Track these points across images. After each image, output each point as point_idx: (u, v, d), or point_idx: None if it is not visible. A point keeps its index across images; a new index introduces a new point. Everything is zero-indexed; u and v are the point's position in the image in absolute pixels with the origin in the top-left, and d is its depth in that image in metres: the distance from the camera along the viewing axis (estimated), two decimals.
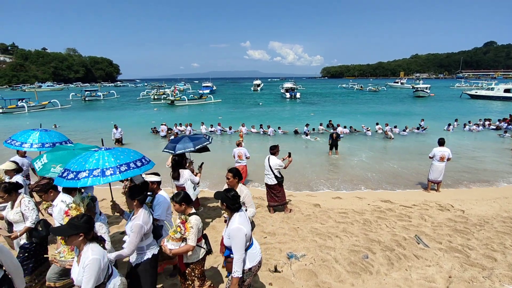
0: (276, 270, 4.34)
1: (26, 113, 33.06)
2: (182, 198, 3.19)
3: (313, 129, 18.82)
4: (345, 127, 18.57)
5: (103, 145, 3.00)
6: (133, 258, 3.20)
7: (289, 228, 5.88)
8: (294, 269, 4.41)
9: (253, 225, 3.87)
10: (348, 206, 7.19)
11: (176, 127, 19.05)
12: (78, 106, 41.31)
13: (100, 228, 3.32)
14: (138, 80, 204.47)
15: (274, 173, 6.53)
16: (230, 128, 19.11)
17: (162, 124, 18.72)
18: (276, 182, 6.56)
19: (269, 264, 4.51)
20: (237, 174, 3.88)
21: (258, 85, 77.92)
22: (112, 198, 3.72)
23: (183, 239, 3.07)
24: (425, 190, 8.64)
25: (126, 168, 2.96)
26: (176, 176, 5.45)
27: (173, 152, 5.44)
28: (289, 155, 6.80)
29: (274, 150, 6.67)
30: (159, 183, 3.93)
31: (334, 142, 13.04)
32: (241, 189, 3.87)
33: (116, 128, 15.92)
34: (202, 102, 42.67)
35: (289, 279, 4.16)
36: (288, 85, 56.15)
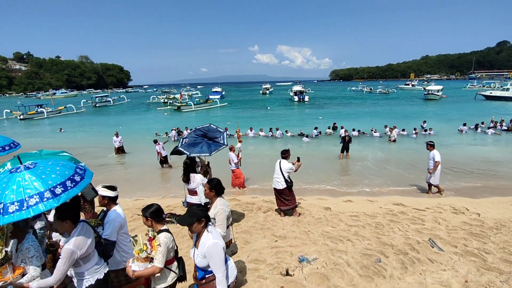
0: (287, 274, 4.33)
1: (45, 119, 34.24)
2: (150, 213, 2.79)
3: (320, 133, 18.89)
4: (353, 130, 18.46)
5: (21, 164, 2.55)
6: (75, 283, 2.79)
7: (300, 232, 5.85)
8: (306, 272, 4.39)
9: (235, 249, 3.77)
10: (360, 209, 7.11)
11: (186, 130, 19.35)
12: (89, 112, 42.30)
13: (26, 252, 2.73)
14: (146, 86, 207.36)
15: (284, 177, 6.54)
16: (237, 131, 19.20)
17: (172, 129, 19.03)
18: (285, 186, 6.57)
19: (281, 267, 4.50)
20: (214, 188, 3.54)
21: (267, 89, 78.09)
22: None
23: (151, 260, 2.70)
24: (438, 193, 8.49)
25: (49, 196, 2.28)
26: (186, 180, 5.50)
27: (187, 154, 5.48)
28: (298, 159, 6.85)
29: (285, 155, 6.73)
30: (111, 198, 3.36)
31: (345, 145, 12.97)
32: (216, 204, 3.58)
33: (117, 135, 14.92)
34: (208, 106, 42.85)
35: (301, 283, 4.13)
36: (296, 88, 56.13)
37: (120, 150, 14.96)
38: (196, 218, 2.59)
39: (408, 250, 4.94)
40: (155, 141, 12.43)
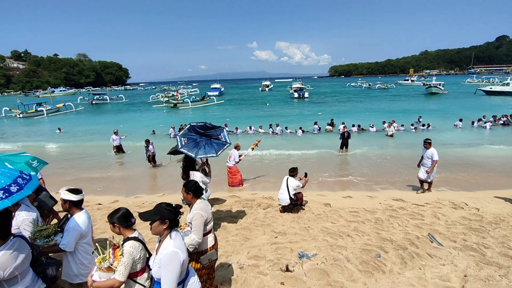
0: (287, 270, 4.34)
1: (45, 117, 34.17)
2: (117, 218, 2.50)
3: (319, 129, 19.14)
4: (353, 126, 18.62)
5: None
6: None
7: (299, 228, 5.87)
8: (306, 268, 4.40)
9: (213, 256, 3.34)
10: (359, 205, 7.13)
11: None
12: (88, 110, 42.25)
13: None
14: (142, 84, 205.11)
15: (289, 195, 6.59)
16: (236, 129, 19.31)
17: (171, 127, 19.03)
18: (289, 203, 6.63)
19: (281, 263, 4.51)
20: (191, 190, 3.21)
21: (267, 86, 77.81)
22: None
23: (115, 270, 2.42)
24: (427, 190, 8.24)
25: None
26: (186, 178, 5.44)
27: (193, 156, 5.25)
28: (306, 175, 6.95)
29: (293, 173, 6.80)
30: (74, 203, 3.02)
31: (345, 141, 13.02)
32: (193, 207, 3.25)
33: (116, 134, 14.38)
34: (204, 104, 42.65)
35: (301, 279, 4.15)
36: (296, 85, 55.97)
37: (118, 149, 14.62)
38: (160, 217, 2.29)
39: (407, 245, 4.96)
40: (148, 141, 11.93)
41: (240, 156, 9.21)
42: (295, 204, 6.71)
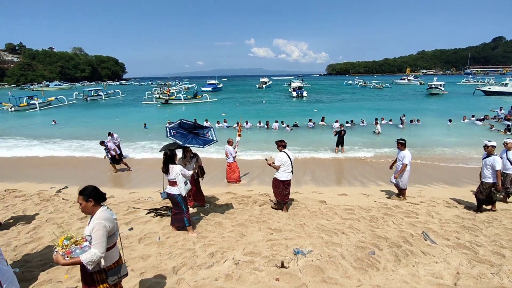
0: (282, 266, 4.36)
1: (38, 111, 33.81)
2: None
3: (314, 123, 19.83)
4: (347, 122, 19.29)
5: None
6: None
7: (295, 225, 5.89)
8: (301, 265, 4.42)
9: (122, 272, 2.93)
10: (355, 203, 7.18)
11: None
12: (81, 105, 41.80)
13: None
14: (132, 79, 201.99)
15: (292, 167, 6.50)
16: (237, 124, 19.57)
17: (168, 122, 18.99)
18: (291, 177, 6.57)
19: (276, 260, 4.52)
20: (91, 196, 2.74)
21: (265, 83, 77.47)
22: None
23: None
24: (401, 195, 7.54)
25: None
26: (165, 171, 5.41)
27: (181, 143, 5.48)
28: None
29: (284, 143, 6.67)
30: None
31: (340, 139, 13.03)
32: (94, 217, 2.76)
33: (112, 135, 12.47)
34: (197, 101, 42.07)
35: (296, 275, 4.17)
36: (295, 83, 55.55)
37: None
38: None
39: (401, 243, 5.01)
40: (102, 143, 10.82)
41: (234, 148, 9.22)
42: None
